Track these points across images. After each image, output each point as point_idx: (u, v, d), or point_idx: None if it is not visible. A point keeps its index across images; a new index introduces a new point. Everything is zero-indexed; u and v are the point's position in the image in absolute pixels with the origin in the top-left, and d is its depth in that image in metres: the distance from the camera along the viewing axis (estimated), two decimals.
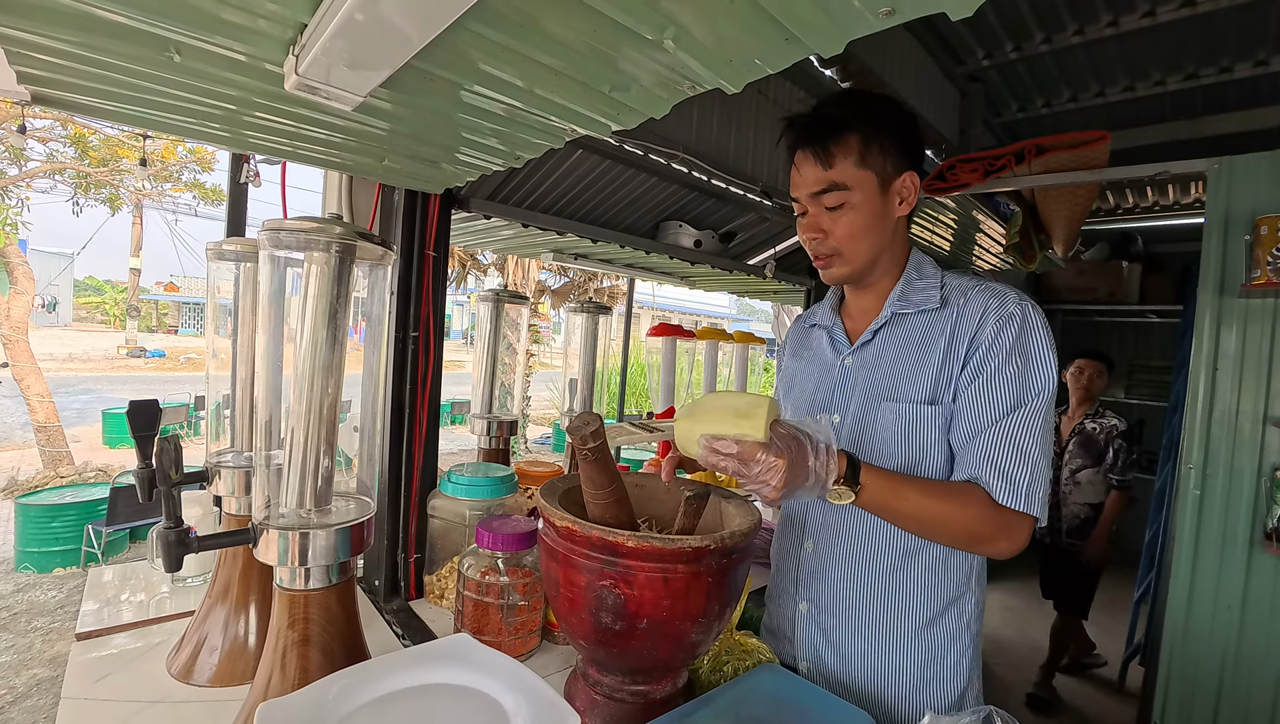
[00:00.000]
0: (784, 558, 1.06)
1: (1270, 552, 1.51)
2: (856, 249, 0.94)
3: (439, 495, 1.31)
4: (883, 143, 0.91)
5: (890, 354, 0.95)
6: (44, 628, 3.64)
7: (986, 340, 0.87)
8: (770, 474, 0.71)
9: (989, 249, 2.86)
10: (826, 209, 0.93)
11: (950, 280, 0.96)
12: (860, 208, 0.92)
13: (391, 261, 0.92)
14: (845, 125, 0.91)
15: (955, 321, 0.91)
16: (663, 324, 2.14)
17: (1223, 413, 1.60)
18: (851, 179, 0.91)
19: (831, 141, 0.91)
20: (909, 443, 0.90)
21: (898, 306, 0.96)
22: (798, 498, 0.76)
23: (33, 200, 8.92)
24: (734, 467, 0.72)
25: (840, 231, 0.93)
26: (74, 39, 0.65)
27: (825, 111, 0.93)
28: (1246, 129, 2.57)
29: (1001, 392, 0.85)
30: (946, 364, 0.90)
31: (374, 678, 0.66)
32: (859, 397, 0.96)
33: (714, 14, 0.55)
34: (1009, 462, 0.83)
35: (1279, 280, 1.47)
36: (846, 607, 0.96)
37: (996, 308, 0.88)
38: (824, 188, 0.92)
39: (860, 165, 0.91)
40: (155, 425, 0.93)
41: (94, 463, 6.63)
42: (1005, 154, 1.84)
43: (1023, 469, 0.82)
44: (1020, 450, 0.83)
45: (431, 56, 0.67)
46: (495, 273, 8.91)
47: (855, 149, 0.91)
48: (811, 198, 0.94)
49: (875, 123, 0.91)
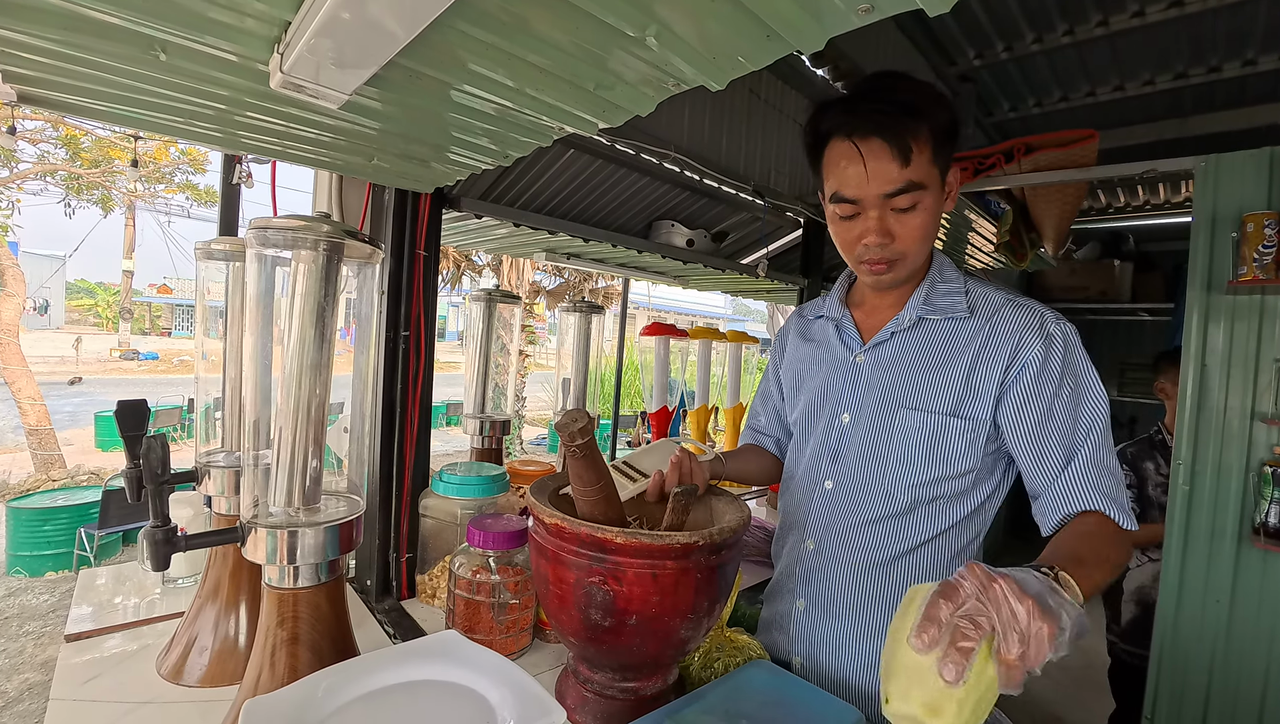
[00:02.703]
0: (785, 555, 1.05)
1: (1258, 546, 1.53)
2: (920, 252, 0.88)
3: (431, 495, 1.31)
4: (946, 134, 0.84)
5: (909, 359, 0.92)
6: (36, 632, 3.62)
7: (1033, 366, 0.84)
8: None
9: (981, 248, 2.88)
10: (897, 210, 0.84)
11: (974, 287, 0.93)
12: (930, 209, 0.85)
13: (380, 260, 0.92)
14: (922, 115, 0.81)
15: (987, 336, 0.87)
16: (656, 323, 2.14)
17: (1211, 409, 1.62)
18: (926, 176, 0.83)
19: (911, 133, 0.81)
20: (933, 453, 0.88)
21: (923, 311, 0.92)
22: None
23: (23, 202, 8.88)
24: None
25: (910, 235, 0.85)
26: (57, 37, 0.65)
27: (901, 99, 0.82)
28: (1235, 128, 2.59)
29: (1070, 420, 0.83)
30: (974, 379, 0.86)
31: (361, 674, 0.66)
32: (874, 398, 0.93)
33: (695, 11, 0.55)
34: (1115, 488, 0.80)
35: (1265, 276, 1.48)
36: (844, 606, 0.95)
37: (1036, 329, 0.85)
38: (900, 187, 0.82)
39: (933, 161, 0.83)
40: (144, 425, 0.93)
41: (86, 466, 6.59)
42: (994, 153, 1.85)
43: (1119, 490, 0.81)
44: (1113, 473, 0.81)
45: (418, 55, 0.67)
46: (490, 274, 8.90)
47: (929, 143, 0.82)
48: (883, 198, 0.83)
49: (945, 114, 0.83)
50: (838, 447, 0.97)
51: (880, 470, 0.92)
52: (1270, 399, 1.54)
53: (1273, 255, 1.47)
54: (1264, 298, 1.56)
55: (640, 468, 1.01)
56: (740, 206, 2.23)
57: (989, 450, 0.89)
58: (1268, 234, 1.48)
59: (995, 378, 0.86)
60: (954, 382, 0.87)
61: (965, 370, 0.87)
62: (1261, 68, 2.24)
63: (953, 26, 2.27)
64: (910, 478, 0.90)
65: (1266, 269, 1.48)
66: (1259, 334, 1.56)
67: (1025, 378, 0.84)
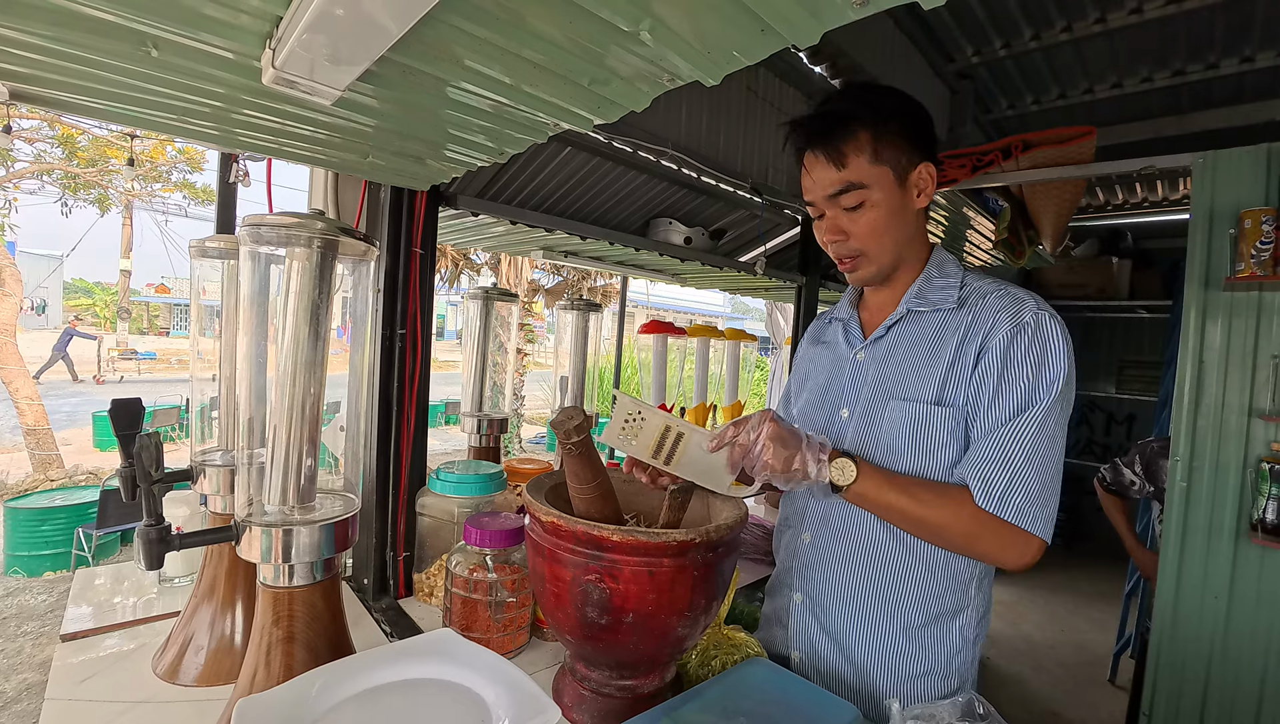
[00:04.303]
0: (784, 549, 1.07)
1: (1256, 542, 1.53)
2: (880, 247, 0.92)
3: (428, 493, 1.31)
4: (895, 135, 0.88)
5: (901, 351, 0.94)
6: (34, 632, 3.61)
7: (999, 348, 0.85)
8: (763, 440, 0.80)
9: (979, 245, 2.88)
10: (845, 210, 0.90)
11: (971, 281, 0.94)
12: (880, 205, 0.89)
13: (375, 258, 0.91)
14: (854, 120, 0.87)
15: (970, 324, 0.89)
16: (654, 321, 2.14)
17: (1209, 405, 1.62)
18: (867, 176, 0.88)
19: (842, 140, 0.88)
20: (917, 443, 0.89)
21: (914, 303, 0.94)
22: (796, 480, 0.81)
23: (20, 201, 8.86)
24: (742, 438, 0.81)
25: (861, 231, 0.91)
26: (49, 33, 0.65)
27: (831, 108, 0.90)
28: (1232, 124, 2.59)
29: (1008, 400, 0.83)
30: (955, 366, 0.88)
31: (356, 673, 0.66)
32: (868, 392, 0.95)
33: (690, 6, 0.55)
34: (991, 467, 0.81)
35: (1263, 273, 1.48)
36: (840, 600, 0.96)
37: (1013, 315, 0.86)
38: (840, 189, 0.89)
39: (875, 161, 0.88)
40: (138, 423, 0.92)
41: (84, 466, 6.58)
42: (992, 150, 1.85)
43: (1002, 475, 0.80)
44: (1005, 456, 0.81)
45: (412, 50, 0.66)
46: (489, 272, 8.89)
47: (868, 145, 0.87)
48: (828, 200, 0.91)
49: (885, 115, 0.88)
50: (835, 441, 0.97)
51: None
52: (1268, 395, 1.54)
53: (1270, 251, 1.47)
54: (1261, 294, 1.56)
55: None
56: (738, 204, 2.22)
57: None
58: (1265, 230, 1.48)
59: (970, 361, 0.87)
60: (937, 371, 0.89)
61: (949, 359, 0.88)
62: (1259, 64, 2.24)
63: (951, 24, 2.26)
64: (896, 467, 0.90)
65: (1264, 265, 1.48)
66: (1256, 330, 1.56)
67: (987, 358, 0.86)
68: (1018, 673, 3.11)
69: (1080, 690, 3.04)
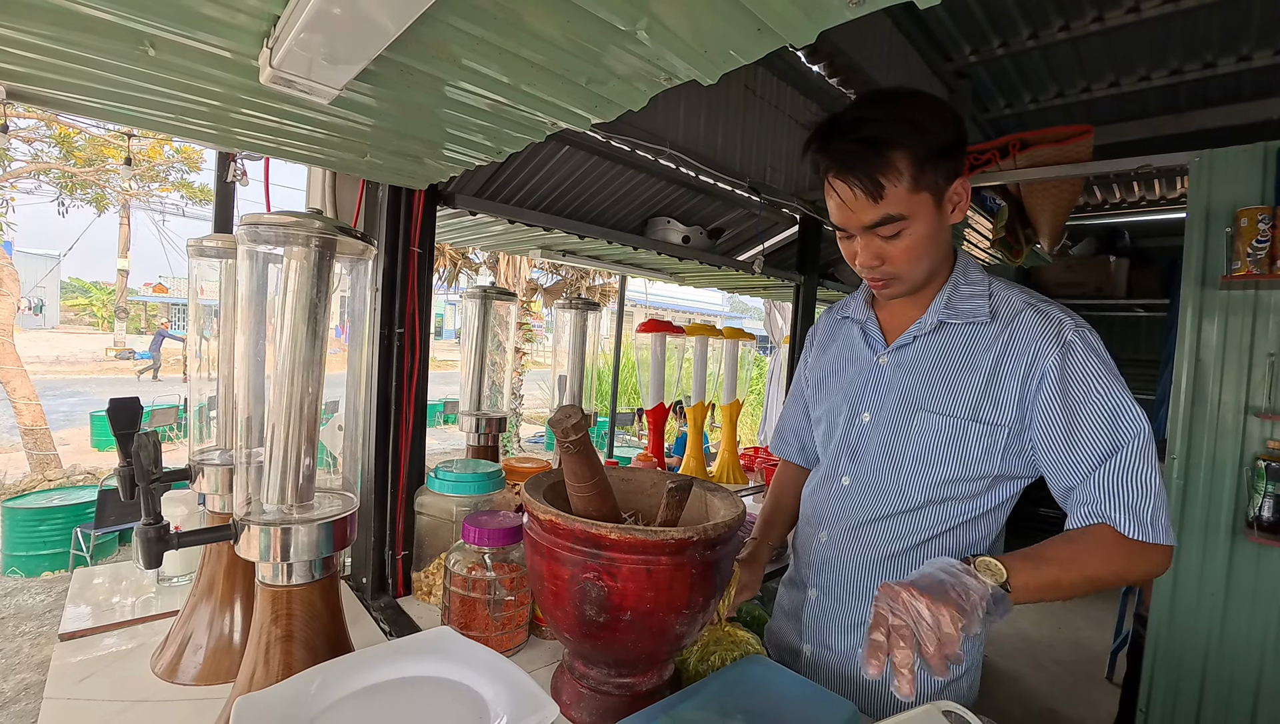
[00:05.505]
0: (801, 546, 1.08)
1: (1252, 539, 1.53)
2: (917, 270, 0.89)
3: (426, 492, 1.31)
4: (935, 155, 0.81)
5: (929, 362, 0.92)
6: (32, 632, 3.61)
7: (1052, 375, 0.82)
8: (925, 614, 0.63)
9: (976, 244, 2.88)
10: (882, 237, 0.85)
11: (998, 290, 0.92)
12: (919, 233, 0.84)
13: (373, 257, 0.92)
14: (891, 146, 0.79)
15: (1006, 343, 0.86)
16: (652, 320, 2.14)
17: (1205, 403, 1.62)
18: (906, 206, 0.82)
19: (879, 170, 0.80)
20: (952, 453, 0.88)
21: (945, 315, 0.91)
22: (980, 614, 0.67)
23: (17, 201, 8.84)
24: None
25: (899, 257, 0.86)
26: (46, 32, 0.65)
27: (864, 133, 0.80)
28: (1229, 123, 2.60)
29: (1099, 428, 0.80)
30: (994, 385, 0.86)
31: (354, 671, 0.66)
32: (894, 400, 0.94)
33: (687, 5, 0.55)
34: (1134, 496, 0.78)
35: (1259, 271, 1.49)
36: (853, 597, 0.97)
37: (1053, 338, 0.83)
38: (878, 221, 0.83)
39: (914, 189, 0.81)
40: (136, 423, 0.92)
41: (82, 466, 6.57)
42: (990, 149, 1.85)
43: (1146, 502, 0.78)
44: (1141, 481, 0.78)
45: (410, 50, 0.66)
46: (487, 272, 8.88)
47: (907, 172, 0.80)
48: (864, 230, 0.86)
49: (924, 136, 0.80)
50: (857, 444, 0.99)
51: (895, 469, 0.93)
52: (1264, 393, 1.55)
53: (1266, 250, 1.48)
54: (1258, 292, 1.57)
55: None
56: (736, 203, 2.22)
57: (1008, 455, 0.88)
58: (1261, 229, 1.48)
59: (1015, 387, 0.85)
60: (973, 387, 0.87)
61: (985, 377, 0.87)
62: (1256, 63, 2.25)
63: (949, 23, 2.27)
64: (926, 478, 0.90)
65: (1260, 264, 1.48)
66: (1252, 329, 1.57)
67: (1045, 387, 0.83)
68: (1016, 671, 3.11)
69: (1078, 688, 3.05)
